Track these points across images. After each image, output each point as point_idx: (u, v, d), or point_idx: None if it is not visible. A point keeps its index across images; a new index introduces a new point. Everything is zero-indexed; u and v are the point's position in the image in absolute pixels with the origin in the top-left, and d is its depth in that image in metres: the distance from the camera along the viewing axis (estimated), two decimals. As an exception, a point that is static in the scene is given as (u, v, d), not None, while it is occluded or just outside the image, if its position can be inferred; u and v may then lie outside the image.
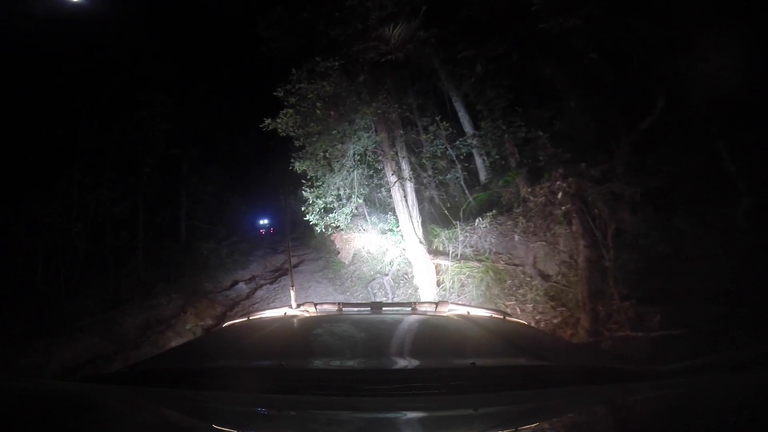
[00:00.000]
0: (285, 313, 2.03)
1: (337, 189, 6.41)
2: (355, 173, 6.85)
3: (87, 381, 1.23)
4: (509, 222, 5.04)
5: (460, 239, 5.57)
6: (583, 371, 1.22)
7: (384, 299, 6.70)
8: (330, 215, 6.74)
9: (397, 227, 8.17)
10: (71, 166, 8.94)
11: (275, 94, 5.59)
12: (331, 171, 5.94)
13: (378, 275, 8.12)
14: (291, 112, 5.50)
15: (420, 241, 5.51)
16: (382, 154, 5.82)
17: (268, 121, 5.70)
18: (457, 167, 8.54)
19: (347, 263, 9.88)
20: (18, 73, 7.97)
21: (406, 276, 7.37)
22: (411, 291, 6.33)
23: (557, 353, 1.49)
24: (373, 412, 0.92)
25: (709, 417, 0.79)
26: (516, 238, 4.86)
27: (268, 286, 9.62)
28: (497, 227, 5.17)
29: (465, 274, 5.21)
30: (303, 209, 6.73)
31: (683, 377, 1.12)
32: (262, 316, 2.03)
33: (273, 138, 6.94)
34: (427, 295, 5.26)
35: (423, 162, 7.70)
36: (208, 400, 1.00)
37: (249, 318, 1.98)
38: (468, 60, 6.06)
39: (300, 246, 14.59)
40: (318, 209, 6.51)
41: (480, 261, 5.13)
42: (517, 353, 1.36)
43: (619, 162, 4.31)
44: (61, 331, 7.14)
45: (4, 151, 8.01)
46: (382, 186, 8.20)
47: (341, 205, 6.63)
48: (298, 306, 2.16)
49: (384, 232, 8.56)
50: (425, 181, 8.02)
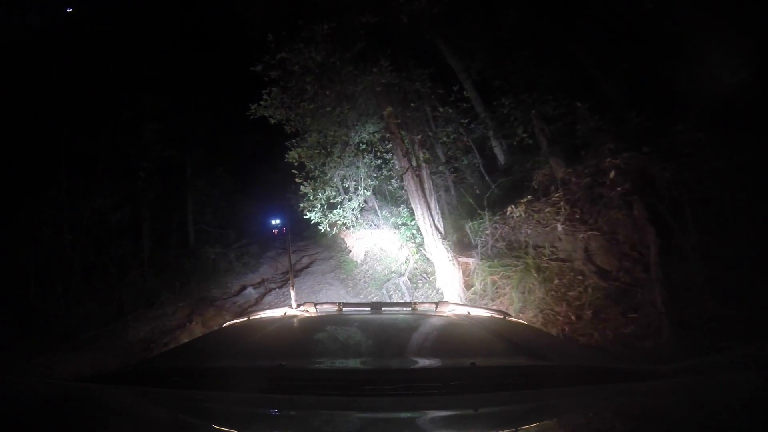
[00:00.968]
0: (285, 313, 1.99)
1: (341, 180, 5.42)
2: (362, 163, 6.38)
3: (87, 381, 1.18)
4: (548, 209, 4.00)
5: (488, 232, 4.52)
6: (583, 371, 1.19)
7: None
8: (334, 211, 5.73)
9: (412, 221, 7.13)
10: (59, 172, 8.06)
11: (252, 69, 4.60)
12: (331, 159, 4.91)
13: (393, 275, 7.18)
14: (276, 90, 4.51)
15: (441, 236, 4.50)
16: (390, 136, 4.78)
17: (253, 107, 4.71)
18: (474, 152, 7.29)
19: (360, 262, 9.40)
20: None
21: (425, 276, 6.36)
22: (432, 294, 5.35)
23: (557, 353, 1.44)
24: (373, 412, 0.89)
25: (710, 417, 0.76)
26: (559, 227, 3.85)
27: (277, 290, 8.94)
28: (533, 216, 4.12)
29: (498, 273, 4.19)
30: (301, 206, 5.75)
31: (683, 377, 1.05)
32: (262, 316, 1.98)
33: (279, 134, 6.30)
34: (455, 300, 4.24)
35: (434, 148, 6.61)
36: (208, 400, 0.98)
37: (249, 318, 1.94)
38: (479, 32, 4.96)
39: (311, 245, 14.24)
40: (320, 205, 5.50)
41: (518, 258, 4.10)
42: (517, 353, 1.34)
43: (690, 132, 3.28)
44: (62, 346, 6.93)
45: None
46: (392, 177, 7.81)
47: (348, 199, 5.62)
48: (298, 306, 2.10)
49: (397, 226, 7.56)
50: (440, 169, 6.93)
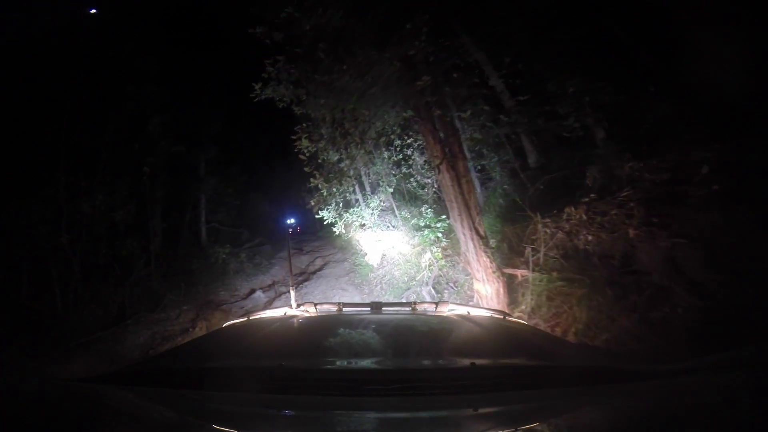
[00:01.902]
0: (285, 313, 2.00)
1: (356, 177, 4.53)
2: (380, 157, 6.15)
3: (87, 381, 1.19)
4: (614, 211, 3.02)
5: (536, 238, 3.59)
6: (583, 371, 1.19)
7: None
8: (351, 210, 4.83)
9: (437, 222, 6.13)
10: (57, 167, 7.43)
11: (251, 31, 3.72)
12: (349, 147, 4.03)
13: (414, 283, 6.20)
14: (282, 60, 3.64)
15: (482, 242, 3.53)
16: (419, 119, 3.88)
17: (258, 87, 3.84)
18: (507, 147, 6.30)
19: (376, 266, 8.62)
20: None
21: (452, 285, 5.35)
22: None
23: (557, 353, 1.46)
24: (373, 412, 0.91)
25: (710, 417, 0.76)
26: (631, 232, 2.84)
27: (287, 294, 8.10)
28: (595, 219, 3.14)
29: (553, 288, 3.23)
30: (311, 202, 4.89)
31: (683, 377, 1.05)
32: (262, 316, 1.98)
33: (292, 129, 5.57)
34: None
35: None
36: (208, 400, 1.00)
37: (249, 318, 1.94)
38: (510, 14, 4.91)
39: (325, 246, 13.66)
40: (334, 203, 4.62)
41: (583, 270, 3.17)
42: (517, 353, 1.35)
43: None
44: (53, 351, 6.59)
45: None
46: (411, 175, 5.91)
47: (364, 197, 4.69)
48: (298, 306, 2.08)
49: (418, 228, 6.54)
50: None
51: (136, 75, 9.71)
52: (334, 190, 5.38)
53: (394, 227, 8.63)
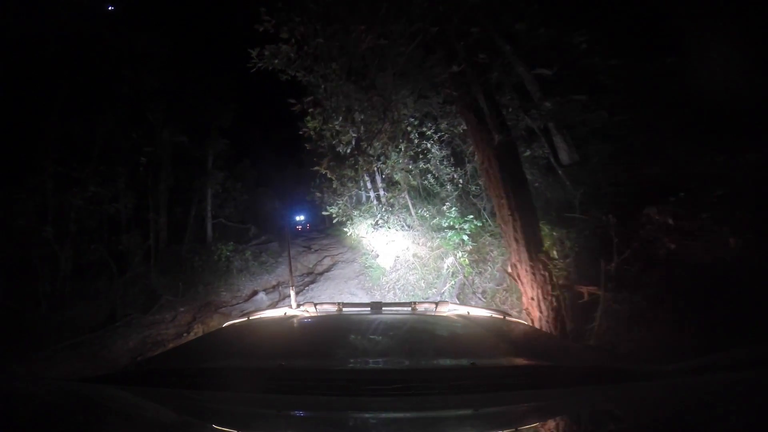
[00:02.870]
0: (285, 313, 2.02)
1: (372, 170, 3.76)
2: (396, 150, 5.50)
3: (87, 381, 1.19)
4: (705, 214, 2.04)
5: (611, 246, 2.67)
6: (583, 371, 1.20)
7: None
8: (362, 207, 3.99)
9: (461, 224, 5.19)
10: (45, 156, 6.75)
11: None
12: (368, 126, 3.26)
13: (433, 291, 5.34)
14: (284, 10, 2.80)
15: (543, 253, 2.59)
16: (456, 96, 3.00)
17: (255, 54, 2.99)
18: (542, 141, 6.50)
19: (388, 269, 7.91)
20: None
21: (480, 296, 4.50)
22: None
23: (557, 353, 1.48)
24: (373, 412, 0.91)
25: (710, 417, 0.77)
26: (731, 242, 1.85)
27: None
28: (681, 223, 2.20)
29: (634, 308, 2.30)
30: (318, 195, 4.09)
31: (684, 377, 1.05)
32: (262, 316, 2.01)
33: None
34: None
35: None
36: (208, 400, 1.01)
37: (249, 318, 1.97)
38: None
39: (334, 244, 12.97)
40: (344, 200, 3.76)
41: (672, 288, 2.22)
42: (517, 353, 1.36)
43: None
44: (35, 355, 6.14)
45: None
46: (429, 171, 6.74)
47: (377, 192, 3.88)
48: (298, 306, 2.12)
49: (438, 229, 5.63)
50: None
51: (134, 57, 8.96)
52: (345, 178, 4.66)
53: (409, 227, 7.82)
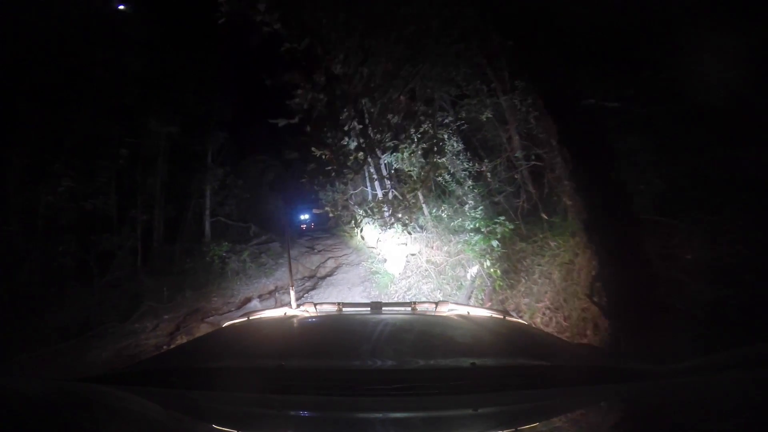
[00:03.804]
0: (285, 313, 2.03)
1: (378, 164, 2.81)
2: (408, 141, 4.49)
3: (87, 381, 1.20)
4: None
5: None
6: (583, 371, 1.21)
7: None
8: (370, 206, 2.91)
9: (491, 226, 3.93)
10: (9, 148, 5.89)
11: None
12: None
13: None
14: None
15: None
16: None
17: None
18: None
19: (398, 275, 7.08)
20: None
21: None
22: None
23: (557, 353, 1.47)
24: (373, 412, 0.92)
25: (710, 417, 0.78)
26: None
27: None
28: None
29: None
30: (312, 184, 3.07)
31: (684, 377, 1.06)
32: (261, 316, 2.01)
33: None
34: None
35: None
36: (208, 400, 1.02)
37: (249, 318, 1.96)
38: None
39: (338, 244, 12.20)
40: (345, 195, 2.90)
41: None
42: (517, 353, 1.36)
43: None
44: None
45: None
46: (443, 167, 5.73)
47: (384, 188, 2.74)
48: (298, 306, 2.14)
49: (456, 231, 4.44)
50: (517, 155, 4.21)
51: (109, 35, 7.99)
52: (348, 173, 4.07)
53: (421, 228, 6.79)
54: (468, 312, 1.92)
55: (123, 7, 8.08)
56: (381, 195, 6.38)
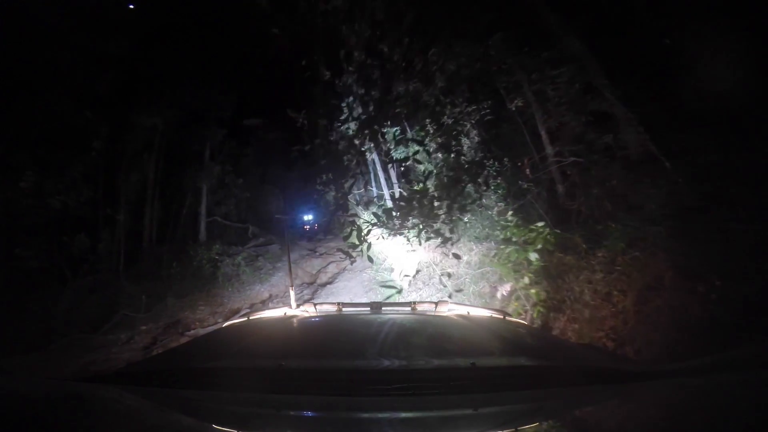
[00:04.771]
0: (285, 313, 2.05)
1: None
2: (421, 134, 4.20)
3: (87, 381, 1.24)
4: None
5: None
6: (583, 371, 1.24)
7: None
8: (378, 208, 1.61)
9: (527, 235, 2.55)
10: None
11: None
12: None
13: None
14: None
15: None
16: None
17: None
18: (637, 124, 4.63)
19: (407, 287, 6.18)
20: None
21: None
22: None
23: (557, 353, 1.50)
24: (373, 412, 0.94)
25: (710, 417, 0.79)
26: None
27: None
28: None
29: None
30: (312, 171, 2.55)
31: (684, 377, 1.09)
32: (261, 316, 2.04)
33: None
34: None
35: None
36: (207, 400, 1.03)
37: (249, 318, 2.00)
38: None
39: (341, 247, 9.70)
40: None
41: None
42: (517, 353, 1.39)
43: None
44: None
45: None
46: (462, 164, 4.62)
47: (390, 187, 1.56)
48: (297, 306, 2.19)
49: (479, 238, 3.25)
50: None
51: (80, 16, 7.11)
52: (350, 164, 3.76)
53: (436, 234, 5.74)
54: (468, 312, 1.95)
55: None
56: (388, 196, 5.92)
